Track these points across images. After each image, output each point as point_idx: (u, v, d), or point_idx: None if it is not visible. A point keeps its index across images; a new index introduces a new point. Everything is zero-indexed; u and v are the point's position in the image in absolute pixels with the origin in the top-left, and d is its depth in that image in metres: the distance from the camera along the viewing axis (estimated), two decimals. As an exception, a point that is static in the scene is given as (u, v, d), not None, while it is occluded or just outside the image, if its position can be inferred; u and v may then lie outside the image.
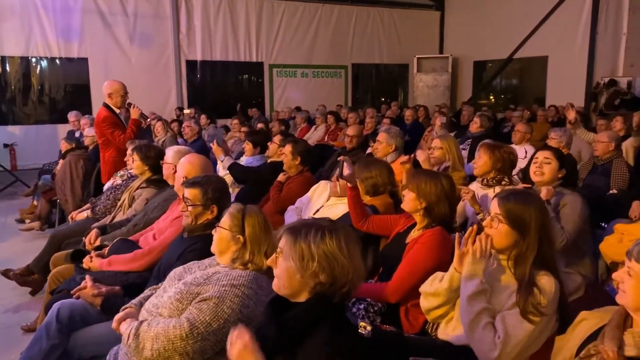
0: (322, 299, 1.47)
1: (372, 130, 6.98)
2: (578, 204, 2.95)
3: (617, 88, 9.98)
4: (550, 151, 3.12)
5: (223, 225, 2.06)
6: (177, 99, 11.53)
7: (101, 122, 4.77)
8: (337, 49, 12.99)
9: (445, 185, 2.52)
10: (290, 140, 4.17)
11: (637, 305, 1.48)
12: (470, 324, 1.88)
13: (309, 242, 1.48)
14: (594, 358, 1.51)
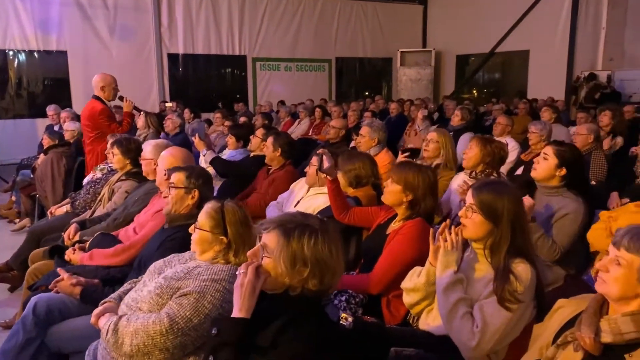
0: (306, 300, 1.47)
1: (355, 123, 6.98)
2: (580, 215, 2.74)
3: (596, 82, 10.14)
4: (552, 147, 2.90)
5: (203, 227, 2.01)
6: (159, 93, 11.40)
7: (97, 115, 4.74)
8: (321, 42, 12.96)
9: (432, 178, 2.52)
10: (272, 133, 4.15)
11: (622, 295, 1.48)
12: (448, 314, 1.90)
13: (302, 246, 1.45)
14: (571, 345, 1.54)
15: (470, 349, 1.85)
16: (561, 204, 2.77)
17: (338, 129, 5.38)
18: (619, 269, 1.47)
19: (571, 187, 2.83)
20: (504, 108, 8.94)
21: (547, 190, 2.88)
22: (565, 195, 2.81)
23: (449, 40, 13.21)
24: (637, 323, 1.43)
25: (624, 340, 1.45)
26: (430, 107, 9.25)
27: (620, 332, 1.44)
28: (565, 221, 2.73)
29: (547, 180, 2.86)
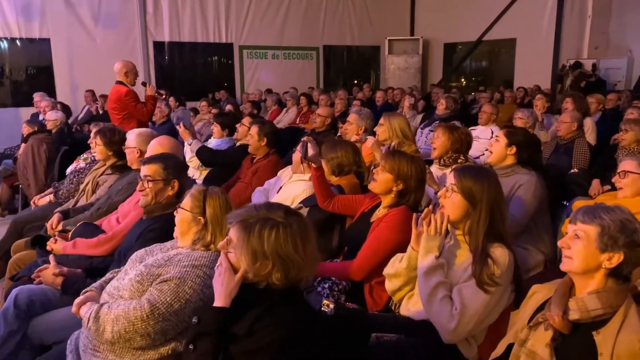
0: (283, 289, 1.47)
1: (342, 111, 6.98)
2: (532, 184, 2.92)
3: (582, 70, 10.21)
4: (503, 130, 3.14)
5: (184, 207, 2.04)
6: (145, 81, 11.26)
7: (124, 97, 5.02)
8: (309, 30, 12.86)
9: (423, 169, 2.56)
10: (257, 121, 4.13)
11: (585, 267, 1.55)
12: (428, 298, 1.94)
13: (262, 241, 1.44)
14: (542, 325, 1.59)
15: (450, 331, 1.89)
16: (514, 180, 2.95)
17: (324, 118, 5.38)
18: (578, 242, 1.54)
19: (524, 164, 3.03)
20: (497, 97, 9.00)
21: (503, 171, 3.01)
22: (519, 171, 3.00)
23: (436, 28, 13.17)
24: (603, 300, 1.50)
25: (591, 317, 1.51)
26: (417, 95, 9.25)
27: (587, 309, 1.51)
28: (519, 192, 2.90)
29: (501, 161, 3.05)
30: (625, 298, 1.53)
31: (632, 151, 4.16)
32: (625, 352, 1.44)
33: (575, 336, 1.54)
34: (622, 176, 2.76)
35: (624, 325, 1.47)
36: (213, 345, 1.43)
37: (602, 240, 1.51)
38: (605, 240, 1.50)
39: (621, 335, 1.46)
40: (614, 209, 1.55)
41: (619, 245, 1.50)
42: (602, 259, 1.52)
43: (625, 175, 2.75)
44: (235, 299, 1.49)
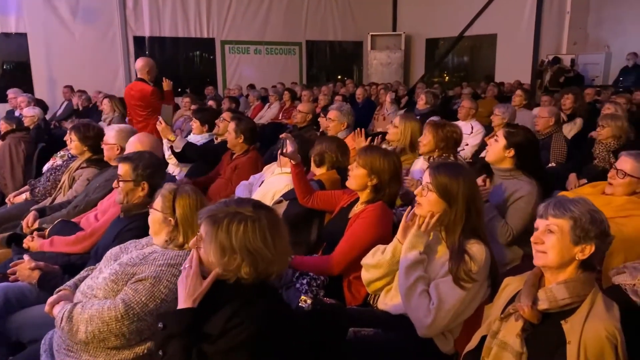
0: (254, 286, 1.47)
1: (323, 106, 6.97)
2: (533, 197, 2.73)
3: (561, 65, 10.35)
4: (503, 129, 2.94)
5: (155, 207, 2.02)
6: (125, 77, 11.12)
7: (150, 96, 5.21)
8: (291, 25, 12.81)
9: (397, 163, 2.54)
10: (234, 117, 4.10)
11: (561, 260, 1.58)
12: (407, 291, 1.95)
13: (229, 235, 1.44)
14: (513, 316, 1.62)
15: (426, 326, 1.91)
16: (515, 187, 2.79)
17: (305, 113, 5.37)
18: (552, 236, 1.57)
19: (525, 171, 2.84)
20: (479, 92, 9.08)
21: (502, 173, 2.90)
22: (519, 178, 2.82)
23: (418, 24, 13.22)
24: (570, 289, 1.54)
25: (559, 306, 1.55)
26: (399, 91, 9.28)
27: (556, 299, 1.54)
28: (519, 204, 2.74)
29: (499, 162, 2.88)
30: (592, 287, 1.57)
31: (609, 146, 4.24)
32: (591, 340, 1.47)
33: (544, 326, 1.57)
34: (620, 176, 2.63)
35: (591, 314, 1.51)
36: (182, 347, 1.43)
37: (575, 233, 1.54)
38: (578, 233, 1.54)
39: (588, 324, 1.50)
40: (579, 201, 1.59)
41: (591, 236, 1.53)
42: (576, 251, 1.55)
43: (624, 176, 2.61)
44: (206, 297, 1.49)
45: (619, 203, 2.59)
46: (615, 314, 1.53)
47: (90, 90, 9.35)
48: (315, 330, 1.92)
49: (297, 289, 2.30)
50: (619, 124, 4.23)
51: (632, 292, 2.20)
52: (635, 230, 2.43)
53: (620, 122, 4.26)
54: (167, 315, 1.52)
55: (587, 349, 1.47)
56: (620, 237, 1.59)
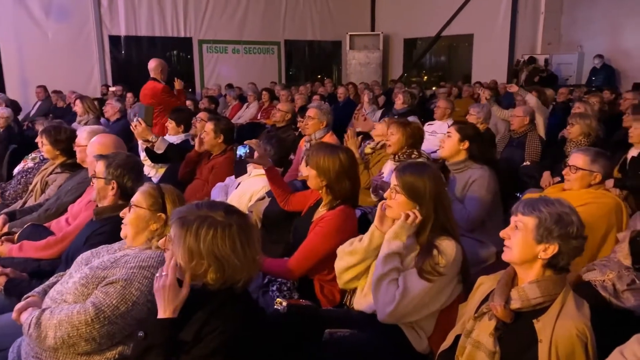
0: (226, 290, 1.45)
1: (301, 106, 6.96)
2: (486, 180, 2.97)
3: (535, 65, 10.52)
4: (454, 125, 3.18)
5: (139, 204, 1.99)
6: (101, 77, 10.96)
7: (161, 93, 5.53)
8: (269, 24, 12.76)
9: (344, 160, 2.42)
10: (212, 118, 4.06)
11: (523, 257, 1.60)
12: (380, 277, 1.96)
13: (198, 240, 1.42)
14: (486, 315, 1.63)
15: (388, 312, 1.92)
16: (469, 175, 3.02)
17: (284, 113, 5.36)
18: (517, 232, 1.61)
19: (477, 160, 3.08)
20: (455, 92, 9.16)
21: (456, 167, 3.10)
22: (472, 167, 3.06)
23: (396, 23, 13.30)
24: (542, 289, 1.56)
25: (531, 305, 1.57)
26: (375, 90, 9.31)
27: (528, 298, 1.56)
28: (473, 187, 2.96)
29: (454, 156, 3.10)
30: (564, 286, 1.59)
31: (579, 144, 4.32)
32: (562, 339, 1.49)
33: (517, 325, 1.59)
34: (573, 171, 2.80)
35: (562, 313, 1.53)
36: (163, 358, 1.41)
37: (538, 231, 1.56)
38: (541, 232, 1.56)
39: (559, 322, 1.51)
40: (553, 202, 1.60)
41: (554, 236, 1.55)
42: (538, 249, 1.57)
43: (576, 170, 2.79)
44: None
45: (577, 195, 2.72)
46: (585, 313, 1.55)
47: (65, 91, 9.19)
48: (291, 332, 1.92)
49: (270, 296, 2.28)
50: (588, 122, 4.32)
51: (602, 288, 2.27)
52: (589, 216, 2.49)
53: (589, 120, 4.35)
54: (149, 325, 1.50)
55: (558, 348, 1.49)
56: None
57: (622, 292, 2.20)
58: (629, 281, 2.21)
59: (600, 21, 10.39)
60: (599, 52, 10.16)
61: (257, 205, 2.93)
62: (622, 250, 2.36)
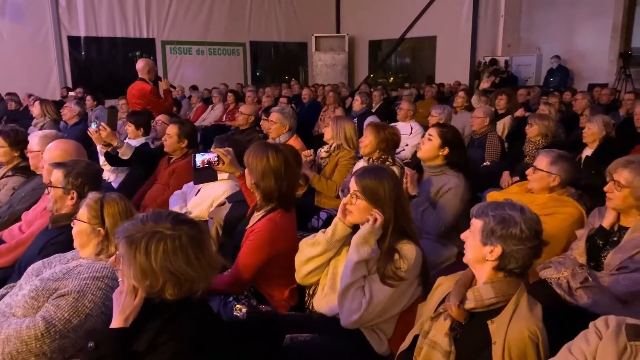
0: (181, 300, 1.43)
1: (264, 108, 6.93)
2: (461, 189, 2.91)
3: (497, 67, 10.78)
4: (436, 128, 3.07)
5: (81, 218, 1.93)
6: (60, 79, 10.65)
7: (149, 94, 5.45)
8: (234, 25, 12.66)
9: (272, 160, 2.32)
10: (176, 121, 3.99)
11: (474, 259, 1.63)
12: (348, 286, 1.95)
13: (149, 258, 1.36)
14: (442, 315, 1.65)
15: (354, 320, 1.93)
16: (444, 181, 2.96)
17: (247, 115, 5.31)
18: (470, 235, 1.63)
19: (453, 166, 3.01)
20: (413, 93, 9.29)
21: (432, 170, 3.05)
22: (448, 173, 2.99)
23: (361, 25, 13.41)
24: (496, 289, 1.58)
25: (485, 305, 1.58)
26: (342, 92, 9.36)
27: (482, 299, 1.58)
28: (448, 196, 2.91)
29: (432, 159, 3.03)
30: (518, 287, 1.60)
31: (538, 144, 4.43)
32: (515, 340, 1.51)
33: (472, 326, 1.61)
34: (533, 171, 2.81)
35: (515, 314, 1.54)
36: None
37: (483, 233, 1.58)
38: (485, 234, 1.58)
39: (512, 324, 1.53)
40: (504, 206, 1.61)
41: (496, 237, 1.55)
42: (485, 251, 1.58)
43: (535, 171, 2.79)
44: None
45: (541, 202, 2.72)
46: (537, 314, 1.56)
47: (21, 93, 8.88)
48: (251, 338, 1.90)
49: (229, 307, 2.24)
50: (546, 123, 4.44)
51: (557, 285, 2.32)
52: (554, 228, 2.53)
53: (547, 121, 4.47)
54: (99, 335, 1.45)
55: (511, 349, 1.51)
56: (543, 233, 1.62)
57: (576, 289, 2.25)
58: (582, 279, 2.25)
59: (557, 24, 10.73)
60: (556, 54, 10.49)
61: (218, 212, 2.88)
62: (578, 248, 2.41)
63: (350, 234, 2.06)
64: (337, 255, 2.14)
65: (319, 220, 3.37)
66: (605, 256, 2.30)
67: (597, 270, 2.32)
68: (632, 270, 2.17)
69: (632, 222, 2.27)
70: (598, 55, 10.27)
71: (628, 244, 2.23)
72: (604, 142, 4.14)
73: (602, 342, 1.36)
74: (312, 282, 2.20)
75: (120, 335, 1.41)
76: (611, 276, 2.23)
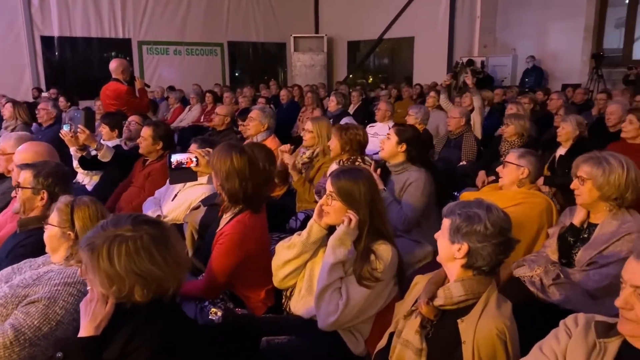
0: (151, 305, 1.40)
1: (241, 109, 6.89)
2: (422, 182, 3.05)
3: (473, 67, 10.90)
4: (394, 127, 3.25)
5: (51, 222, 1.90)
6: (33, 79, 10.42)
7: (125, 95, 5.35)
8: (212, 25, 12.55)
9: (236, 161, 2.30)
10: (150, 123, 3.93)
11: (444, 258, 1.66)
12: (325, 287, 1.96)
13: (112, 262, 1.34)
14: (414, 313, 1.66)
15: (331, 322, 1.94)
16: (407, 177, 3.10)
17: (223, 116, 5.28)
18: (440, 234, 1.66)
19: (415, 162, 3.16)
20: (395, 94, 9.35)
21: (395, 168, 3.18)
22: (410, 169, 3.14)
23: (340, 26, 13.42)
24: (466, 287, 1.59)
25: (454, 302, 1.60)
26: (320, 92, 9.37)
27: (451, 296, 1.59)
28: (410, 189, 3.05)
29: (393, 157, 3.18)
30: (489, 285, 1.61)
31: (513, 144, 4.50)
32: (483, 340, 1.51)
33: (444, 325, 1.62)
34: (504, 166, 2.95)
35: (484, 313, 1.55)
36: None
37: (450, 232, 1.61)
38: (452, 232, 1.60)
39: (480, 323, 1.53)
40: (471, 204, 1.63)
41: (462, 233, 1.57)
42: (454, 249, 1.60)
43: (505, 165, 2.94)
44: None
45: (511, 195, 2.85)
46: (505, 311, 1.57)
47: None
48: (227, 342, 1.89)
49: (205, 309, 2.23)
50: (522, 122, 4.51)
51: (530, 283, 2.36)
52: (523, 215, 2.68)
53: (523, 121, 4.55)
54: (68, 344, 1.41)
55: (480, 349, 1.52)
56: (512, 222, 1.65)
57: (548, 286, 2.30)
58: (554, 276, 2.30)
59: (531, 25, 10.91)
60: (531, 53, 10.66)
61: (192, 215, 2.85)
62: (550, 246, 2.46)
63: (326, 236, 2.06)
64: (313, 257, 2.14)
65: (297, 221, 3.36)
66: (576, 253, 2.35)
67: (569, 267, 2.37)
68: (602, 265, 2.23)
69: (600, 219, 2.33)
70: (571, 55, 10.47)
71: (597, 240, 2.28)
72: (577, 142, 4.23)
73: (571, 340, 1.39)
74: (290, 285, 2.20)
75: (90, 345, 1.38)
76: (582, 272, 2.28)
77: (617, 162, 2.23)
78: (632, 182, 2.21)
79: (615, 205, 2.28)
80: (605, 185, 2.22)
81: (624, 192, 2.22)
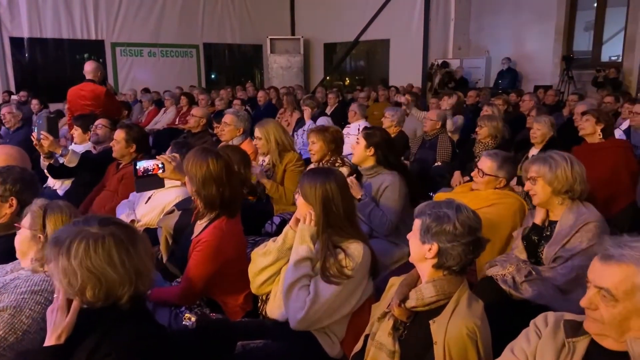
0: (121, 310, 1.38)
1: (216, 111, 6.83)
2: (397, 185, 3.05)
3: (448, 69, 11.05)
4: (363, 131, 3.22)
5: (23, 225, 1.86)
6: (2, 82, 10.16)
7: (104, 97, 5.30)
8: (187, 27, 12.43)
9: (212, 166, 2.27)
10: (123, 125, 3.86)
11: (415, 258, 1.68)
12: (290, 285, 1.96)
13: (69, 258, 1.33)
14: (387, 315, 1.67)
15: (299, 318, 1.93)
16: (380, 180, 3.10)
17: (198, 118, 5.22)
18: (412, 234, 1.68)
19: (386, 166, 3.15)
20: (374, 96, 9.41)
21: (367, 172, 3.17)
22: (382, 172, 3.13)
23: (316, 28, 13.43)
24: (437, 288, 1.60)
25: (425, 303, 1.60)
26: (297, 94, 9.36)
27: (423, 297, 1.60)
28: (386, 193, 3.05)
29: (363, 162, 3.17)
30: (460, 285, 1.62)
31: (487, 145, 4.57)
32: (454, 340, 1.52)
33: (416, 326, 1.63)
34: (480, 175, 2.93)
35: (455, 313, 1.56)
36: None
37: (421, 232, 1.62)
38: (422, 232, 1.62)
39: (451, 323, 1.54)
40: (442, 205, 1.64)
41: (432, 233, 1.59)
42: (424, 250, 1.61)
43: (483, 175, 2.92)
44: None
45: (484, 196, 2.89)
46: (475, 311, 1.58)
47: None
48: (202, 347, 1.87)
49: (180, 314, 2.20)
50: (495, 124, 4.58)
51: (502, 282, 2.40)
52: (497, 216, 2.75)
53: (496, 122, 4.62)
54: (30, 355, 1.38)
55: (450, 349, 1.52)
56: (487, 223, 1.68)
57: (521, 283, 2.35)
58: (526, 273, 2.36)
59: (504, 28, 11.10)
60: (505, 56, 10.86)
61: (166, 220, 2.80)
62: (518, 247, 2.52)
63: None
64: (289, 262, 2.14)
65: (273, 225, 3.34)
66: (542, 251, 2.42)
67: (538, 265, 2.43)
68: (567, 259, 2.31)
69: (559, 216, 2.42)
70: (543, 57, 10.68)
71: (558, 235, 2.36)
72: (549, 142, 4.30)
73: (541, 340, 1.41)
74: (268, 291, 2.19)
75: (54, 354, 1.34)
76: (551, 269, 2.35)
77: (561, 158, 2.37)
78: (578, 173, 2.34)
79: (568, 198, 2.38)
80: (554, 180, 2.33)
81: (572, 183, 2.33)
